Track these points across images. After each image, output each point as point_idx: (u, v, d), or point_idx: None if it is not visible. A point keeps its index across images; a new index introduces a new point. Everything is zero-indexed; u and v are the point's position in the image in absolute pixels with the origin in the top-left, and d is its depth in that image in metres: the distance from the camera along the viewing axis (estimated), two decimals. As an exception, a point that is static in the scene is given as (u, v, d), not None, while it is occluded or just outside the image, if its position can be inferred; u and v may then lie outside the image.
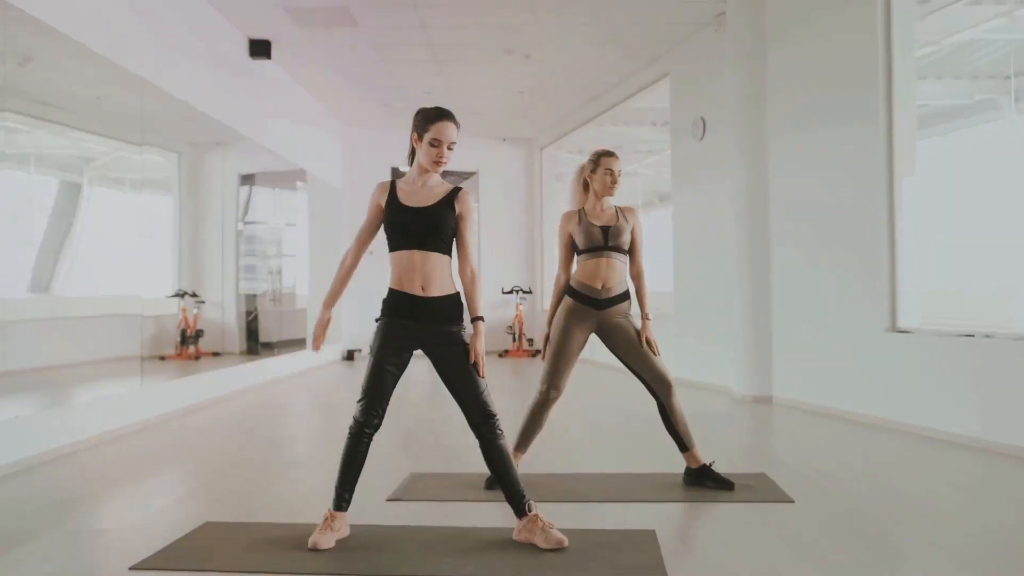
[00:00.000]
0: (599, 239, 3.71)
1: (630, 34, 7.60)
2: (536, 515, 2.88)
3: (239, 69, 7.70)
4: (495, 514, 3.29)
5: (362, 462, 2.97)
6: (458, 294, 2.99)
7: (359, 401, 2.93)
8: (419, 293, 2.90)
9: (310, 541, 2.83)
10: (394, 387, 2.96)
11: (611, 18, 7.15)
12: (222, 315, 10.72)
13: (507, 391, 7.56)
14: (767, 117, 6.56)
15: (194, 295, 10.25)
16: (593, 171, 3.79)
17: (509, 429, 3.20)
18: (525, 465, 3.89)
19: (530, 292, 12.13)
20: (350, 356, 11.58)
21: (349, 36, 7.58)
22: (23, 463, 4.32)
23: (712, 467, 3.74)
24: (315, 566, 2.66)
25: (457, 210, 2.96)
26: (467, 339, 2.96)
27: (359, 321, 11.14)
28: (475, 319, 2.95)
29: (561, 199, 12.11)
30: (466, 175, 13.24)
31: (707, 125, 7.37)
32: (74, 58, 5.42)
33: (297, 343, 11.01)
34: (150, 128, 7.48)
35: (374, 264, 11.49)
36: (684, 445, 3.76)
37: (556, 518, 3.12)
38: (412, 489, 3.71)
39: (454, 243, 3.01)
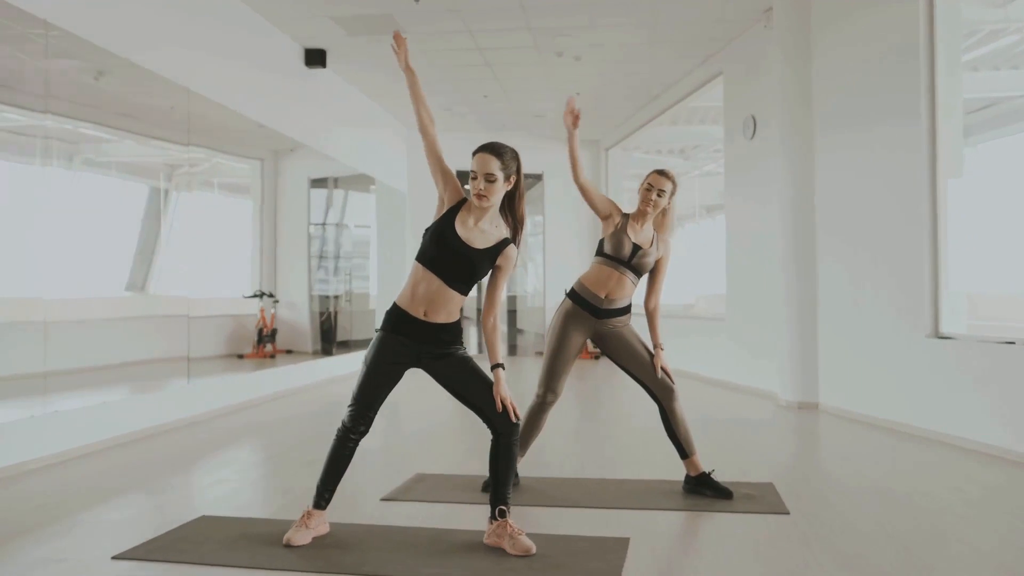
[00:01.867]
0: (625, 254, 3.64)
1: (680, 33, 7.48)
2: (505, 521, 2.89)
3: (297, 79, 7.96)
4: (482, 517, 3.31)
5: (346, 465, 3.03)
6: (459, 321, 3.00)
7: (349, 407, 2.99)
8: (420, 317, 2.93)
9: (285, 537, 2.92)
10: (384, 398, 3.00)
11: (657, 18, 7.06)
12: (296, 315, 11.12)
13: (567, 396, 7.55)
14: (814, 115, 6.36)
15: (270, 295, 10.66)
16: (647, 183, 3.71)
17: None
18: (521, 468, 3.91)
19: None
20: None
21: (399, 43, 7.72)
22: (107, 442, 4.83)
23: (711, 475, 3.67)
24: (283, 562, 2.74)
25: (498, 262, 2.93)
26: (464, 353, 2.99)
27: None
28: (495, 367, 2.93)
29: (631, 201, 12.03)
30: (531, 178, 13.29)
31: (757, 123, 7.19)
32: (146, 81, 5.79)
33: (367, 343, 11.27)
34: (233, 137, 7.88)
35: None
36: (684, 452, 3.70)
37: (540, 522, 3.15)
38: (411, 490, 3.78)
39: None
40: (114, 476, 4.18)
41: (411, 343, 2.94)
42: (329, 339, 11.42)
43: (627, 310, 3.75)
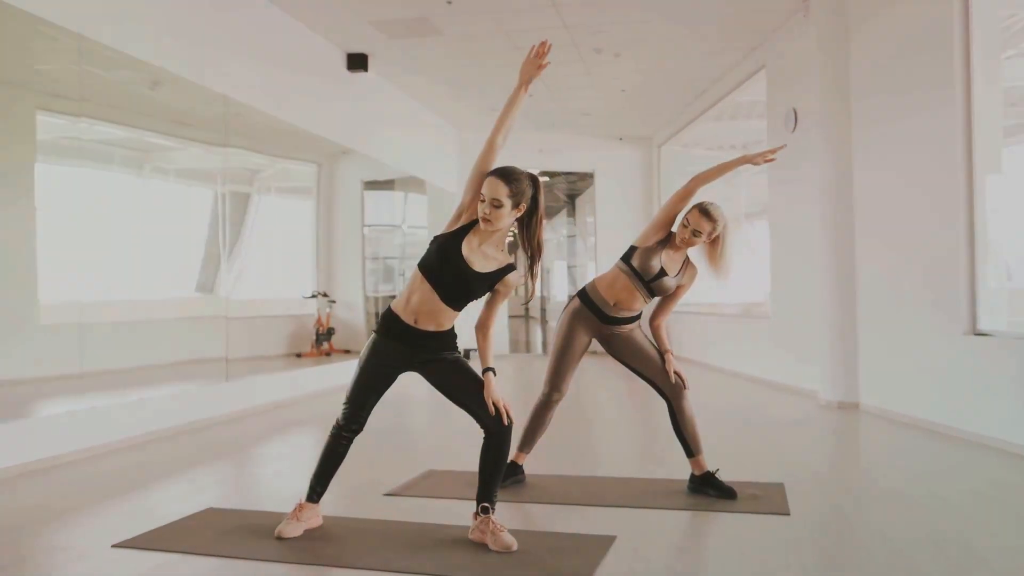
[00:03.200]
0: (649, 274, 3.58)
1: (719, 25, 7.36)
2: (488, 518, 2.90)
3: (340, 84, 8.12)
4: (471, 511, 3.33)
5: (339, 461, 3.09)
6: (452, 330, 3.02)
7: (343, 406, 3.06)
8: (411, 324, 2.96)
9: (276, 529, 3.00)
10: (377, 400, 3.05)
11: (693, 10, 6.96)
12: (352, 315, 11.37)
13: (621, 397, 7.54)
14: (851, 109, 6.19)
15: (325, 295, 10.92)
16: (686, 218, 3.56)
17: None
18: (526, 465, 3.92)
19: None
20: (466, 355, 11.86)
21: (436, 45, 7.81)
22: (179, 429, 5.34)
23: (716, 475, 3.61)
24: (268, 553, 2.81)
25: (496, 287, 2.94)
26: (457, 355, 3.02)
27: (473, 321, 11.41)
28: (486, 371, 2.93)
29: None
30: (580, 176, 13.26)
31: (798, 117, 7.01)
32: (200, 96, 6.13)
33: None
34: (292, 142, 8.16)
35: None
36: (690, 450, 3.65)
37: (535, 519, 3.20)
38: (416, 485, 3.83)
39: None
40: (176, 461, 4.47)
41: (402, 347, 2.98)
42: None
43: (635, 319, 3.70)
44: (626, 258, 3.66)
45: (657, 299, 3.75)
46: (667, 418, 3.72)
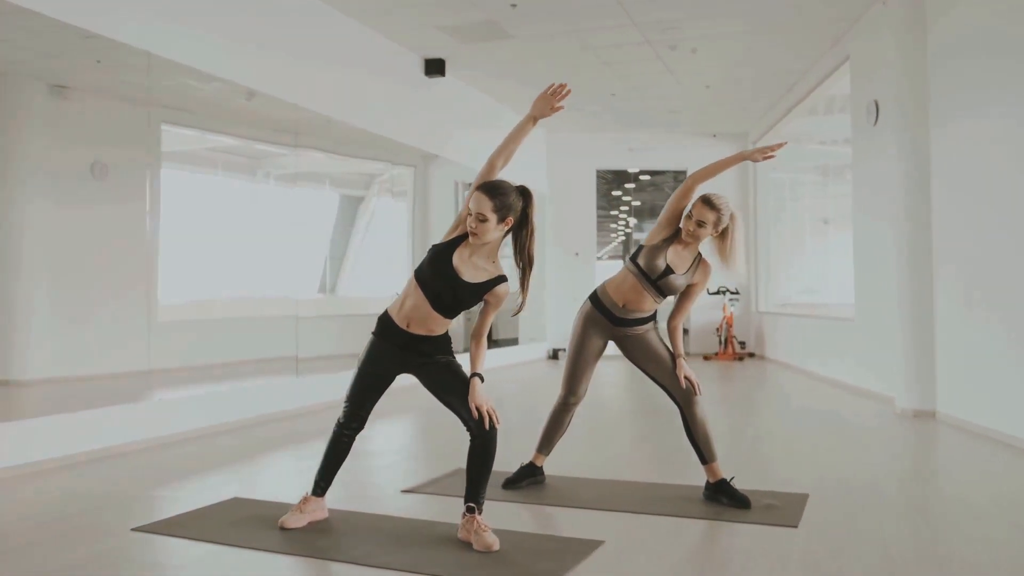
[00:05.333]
0: (654, 272, 3.52)
1: (798, 16, 7.08)
2: (473, 517, 2.93)
3: (420, 90, 8.32)
4: (486, 512, 3.37)
5: (342, 457, 3.21)
6: (445, 335, 3.07)
7: (343, 404, 3.18)
8: (403, 327, 3.04)
9: (279, 520, 3.14)
10: (376, 399, 3.14)
11: (765, 2, 6.73)
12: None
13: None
14: (929, 104, 5.85)
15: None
16: (690, 211, 3.48)
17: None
18: (547, 467, 3.93)
19: (737, 293, 11.61)
20: (554, 355, 11.89)
21: (509, 48, 7.88)
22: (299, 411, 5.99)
23: (731, 483, 3.51)
24: (267, 543, 2.95)
25: (487, 298, 2.97)
26: (451, 359, 3.07)
27: (563, 320, 11.46)
28: (473, 375, 2.96)
29: (774, 191, 11.50)
30: (664, 173, 13.03)
31: (880, 109, 6.66)
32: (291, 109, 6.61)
33: (509, 341, 11.57)
34: (391, 145, 8.56)
35: (579, 265, 11.89)
36: (703, 457, 3.56)
37: (533, 521, 3.24)
38: (436, 483, 3.90)
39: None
40: (247, 449, 4.71)
41: (397, 350, 3.07)
42: (487, 337, 11.80)
43: (647, 320, 3.64)
44: (633, 257, 3.61)
45: (673, 300, 3.68)
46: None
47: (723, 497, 3.48)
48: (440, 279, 2.95)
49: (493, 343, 11.40)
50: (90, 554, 2.82)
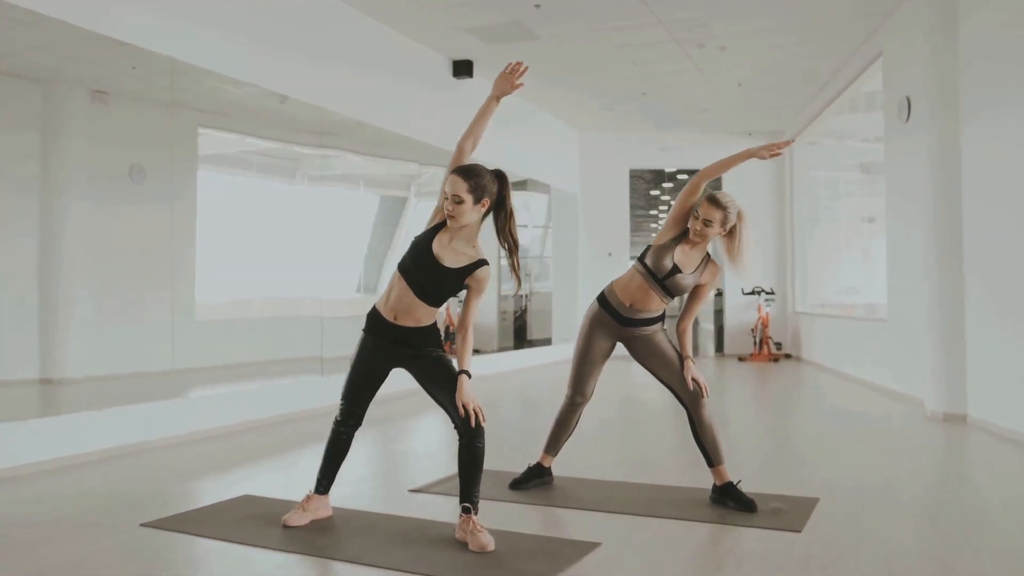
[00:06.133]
0: (661, 272, 3.49)
1: (825, 12, 6.96)
2: (469, 517, 2.95)
3: (449, 91, 8.36)
4: (487, 512, 3.38)
5: (342, 455, 3.25)
6: (432, 326, 3.10)
7: (340, 402, 3.22)
8: (391, 320, 3.08)
9: (283, 518, 3.19)
10: (370, 395, 3.18)
11: (792, -1, 6.65)
12: (481, 315, 11.72)
13: (735, 397, 7.36)
14: (959, 101, 5.70)
15: (454, 296, 11.30)
16: (696, 210, 3.44)
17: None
18: (557, 468, 3.93)
19: (773, 293, 11.44)
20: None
21: (535, 48, 7.87)
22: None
23: (738, 486, 3.47)
24: (268, 540, 2.99)
25: (469, 283, 3.00)
26: (441, 354, 3.08)
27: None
28: (460, 372, 2.97)
29: (813, 190, 11.30)
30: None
31: (912, 106, 6.51)
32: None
33: (542, 341, 11.59)
34: (425, 148, 8.69)
35: (612, 266, 11.84)
36: (710, 460, 3.53)
37: (535, 522, 3.25)
38: (445, 483, 3.91)
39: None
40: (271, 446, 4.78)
41: (387, 344, 3.10)
42: (521, 336, 11.91)
43: (655, 320, 3.61)
44: (641, 257, 3.59)
45: (681, 302, 3.66)
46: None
47: (729, 500, 3.44)
48: (422, 267, 2.99)
49: (527, 343, 11.44)
50: (95, 550, 2.89)
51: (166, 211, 8.42)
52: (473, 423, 2.94)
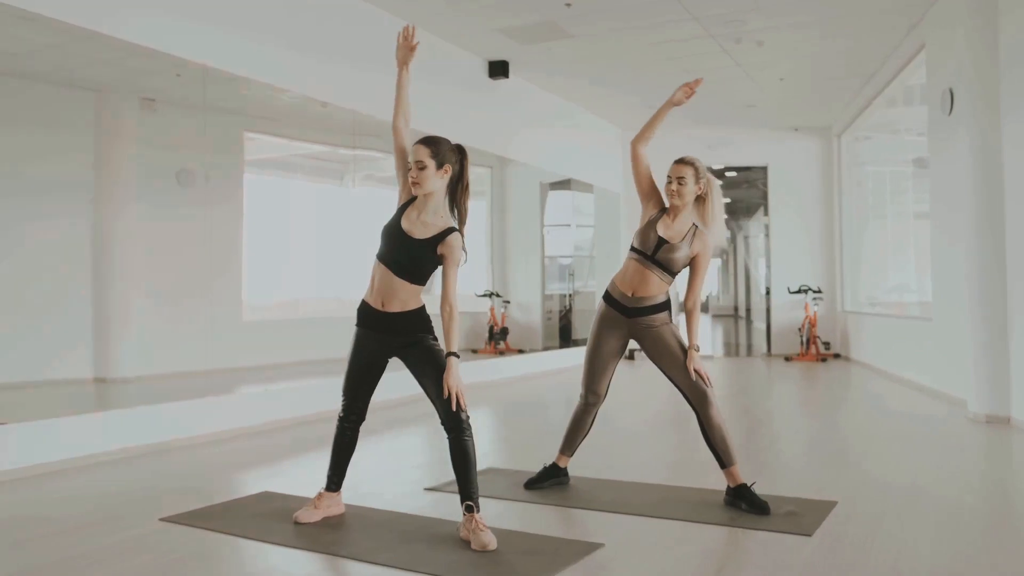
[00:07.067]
0: (649, 248, 3.53)
1: (864, 3, 6.79)
2: (471, 516, 2.96)
3: (485, 92, 8.39)
4: (499, 511, 3.40)
5: (349, 450, 3.31)
6: (421, 309, 3.14)
7: (341, 398, 3.29)
8: (379, 308, 3.13)
9: (294, 515, 3.26)
10: (369, 388, 3.24)
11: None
12: (527, 315, 11.77)
13: (774, 398, 7.27)
14: (1000, 93, 5.51)
15: (498, 295, 11.36)
16: (667, 175, 3.58)
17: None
18: (576, 468, 3.92)
19: (820, 291, 11.19)
20: (631, 356, 11.77)
21: (570, 47, 7.86)
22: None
23: (752, 488, 3.42)
24: (279, 537, 3.06)
25: (439, 251, 3.06)
26: (432, 343, 3.12)
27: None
28: (449, 355, 3.02)
29: (864, 184, 11.04)
30: (750, 169, 12.69)
31: (955, 98, 6.31)
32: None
33: (585, 341, 11.55)
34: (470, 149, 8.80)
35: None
36: (722, 462, 3.48)
37: (543, 522, 3.25)
38: (461, 482, 3.95)
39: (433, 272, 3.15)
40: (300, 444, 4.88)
41: (379, 334, 3.15)
42: (566, 336, 11.93)
43: (659, 308, 3.58)
44: (631, 247, 3.62)
45: (681, 281, 3.65)
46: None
47: (742, 502, 3.39)
48: (394, 245, 3.08)
49: (572, 342, 11.43)
50: (109, 543, 2.99)
51: (213, 214, 8.71)
52: (454, 406, 2.97)
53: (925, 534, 3.06)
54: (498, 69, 8.36)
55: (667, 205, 3.61)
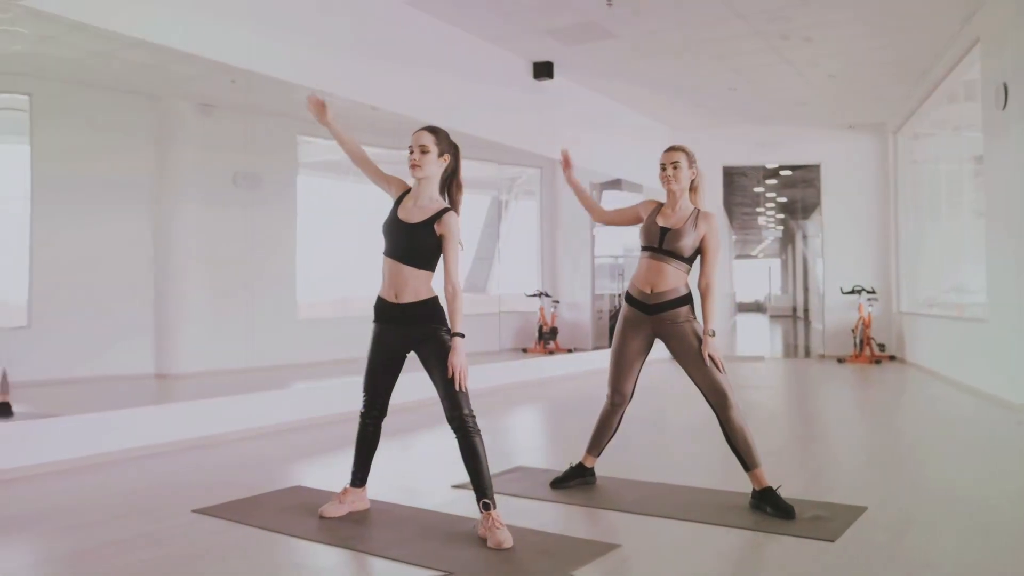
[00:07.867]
0: (655, 240, 3.56)
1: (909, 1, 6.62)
2: (487, 514, 2.99)
3: (530, 94, 8.41)
4: (521, 510, 3.43)
5: (372, 446, 3.37)
6: (433, 299, 3.19)
7: (362, 394, 3.36)
8: (393, 300, 3.20)
9: (319, 509, 3.33)
10: (390, 384, 3.30)
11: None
12: (577, 315, 11.79)
13: (822, 401, 7.16)
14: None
15: (547, 295, 11.40)
16: (661, 163, 3.64)
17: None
18: (605, 468, 3.92)
19: (874, 292, 10.92)
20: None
21: (614, 47, 7.83)
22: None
23: (777, 491, 3.37)
24: (302, 530, 3.13)
25: (438, 231, 3.14)
26: (445, 338, 3.14)
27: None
28: (454, 335, 3.09)
29: (921, 182, 10.74)
30: (806, 168, 12.44)
31: (1009, 93, 6.10)
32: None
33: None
34: (515, 150, 8.91)
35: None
36: (745, 464, 3.44)
37: (563, 522, 3.26)
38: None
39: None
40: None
41: (395, 328, 3.21)
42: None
43: (680, 302, 3.55)
44: (641, 245, 3.67)
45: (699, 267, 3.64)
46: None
47: (767, 506, 3.34)
48: (396, 235, 3.18)
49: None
50: (137, 533, 3.10)
51: (268, 215, 8.93)
52: (457, 385, 3.02)
53: (953, 544, 2.99)
54: (542, 70, 8.37)
55: (662, 202, 3.68)
